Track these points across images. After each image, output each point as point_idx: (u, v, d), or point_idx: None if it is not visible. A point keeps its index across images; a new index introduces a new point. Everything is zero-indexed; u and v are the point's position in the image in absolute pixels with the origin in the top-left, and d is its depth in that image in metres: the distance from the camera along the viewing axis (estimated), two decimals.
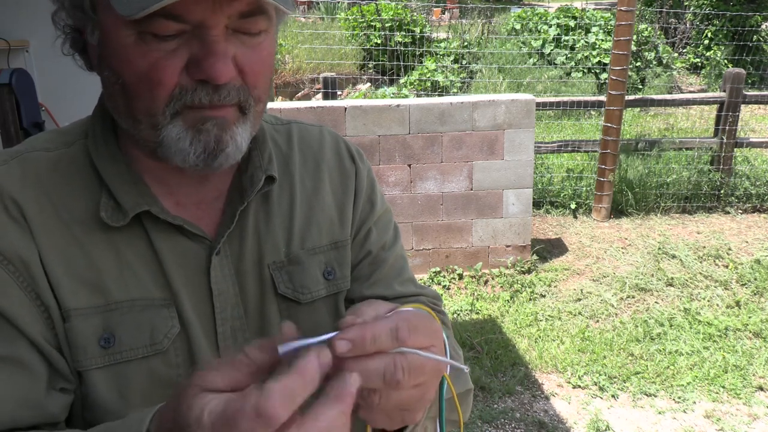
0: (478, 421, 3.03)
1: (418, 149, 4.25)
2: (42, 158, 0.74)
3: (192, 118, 0.68)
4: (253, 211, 0.79)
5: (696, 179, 5.41)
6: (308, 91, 8.85)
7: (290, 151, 0.86)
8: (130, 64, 0.66)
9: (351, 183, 0.88)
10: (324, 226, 0.84)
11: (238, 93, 0.68)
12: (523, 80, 8.56)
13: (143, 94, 0.66)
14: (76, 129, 0.79)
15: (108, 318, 0.70)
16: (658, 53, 9.48)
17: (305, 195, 0.84)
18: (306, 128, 0.91)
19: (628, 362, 3.51)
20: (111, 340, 0.69)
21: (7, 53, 2.83)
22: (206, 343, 0.74)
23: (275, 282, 0.78)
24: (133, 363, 0.70)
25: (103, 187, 0.73)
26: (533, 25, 9.76)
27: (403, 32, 9.28)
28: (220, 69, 0.65)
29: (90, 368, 0.69)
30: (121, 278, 0.71)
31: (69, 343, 0.69)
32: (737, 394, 3.25)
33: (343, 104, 4.24)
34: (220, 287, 0.75)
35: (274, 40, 0.73)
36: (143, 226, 0.73)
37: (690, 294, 4.16)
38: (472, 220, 4.42)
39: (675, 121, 7.42)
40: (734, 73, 5.30)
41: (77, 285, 0.70)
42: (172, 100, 0.66)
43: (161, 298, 0.72)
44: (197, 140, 0.68)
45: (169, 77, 0.65)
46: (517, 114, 4.25)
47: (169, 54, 0.65)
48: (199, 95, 0.66)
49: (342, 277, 0.84)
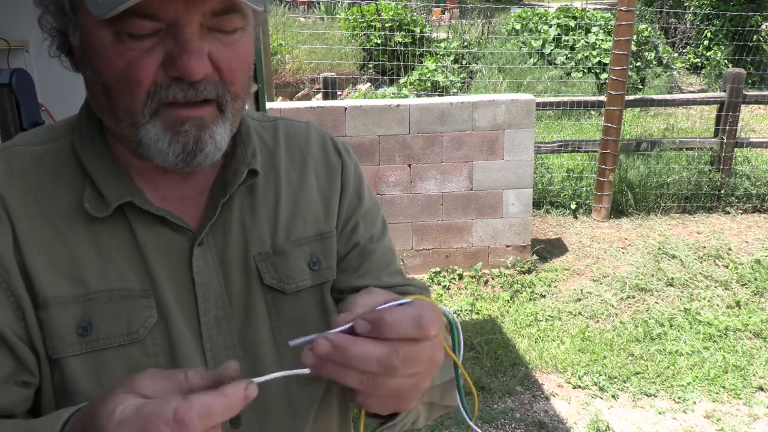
0: (478, 421, 3.03)
1: (418, 149, 4.25)
2: (27, 152, 0.76)
3: (170, 118, 0.69)
4: (237, 204, 0.81)
5: (696, 179, 5.41)
6: (308, 91, 8.85)
7: (276, 146, 0.88)
8: (108, 63, 0.67)
9: (337, 177, 0.89)
10: (309, 219, 0.85)
11: (215, 88, 0.69)
12: (523, 80, 8.56)
13: (122, 93, 0.68)
14: (63, 125, 0.81)
15: (86, 307, 0.71)
16: (658, 53, 9.48)
17: (291, 189, 0.86)
18: (292, 124, 0.92)
19: (628, 362, 3.51)
20: (88, 329, 0.71)
21: (7, 53, 2.84)
22: (188, 333, 0.75)
23: (261, 272, 0.80)
24: (109, 351, 0.71)
25: (87, 180, 0.75)
26: (533, 25, 9.75)
27: (403, 32, 9.28)
28: (194, 65, 0.66)
29: (67, 355, 0.70)
30: (101, 269, 0.73)
31: (45, 331, 0.70)
32: (737, 395, 3.25)
33: (343, 104, 4.24)
34: (203, 278, 0.77)
35: (251, 37, 0.74)
36: (126, 217, 0.75)
37: (690, 294, 4.16)
38: (472, 220, 4.42)
39: (675, 121, 7.42)
40: (734, 73, 5.30)
41: (57, 276, 0.71)
42: (149, 98, 0.68)
43: (140, 289, 0.74)
44: (176, 141, 0.69)
45: (145, 75, 0.67)
46: (517, 114, 4.24)
47: (145, 53, 0.66)
48: (173, 92, 0.67)
49: (327, 267, 0.85)
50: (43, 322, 0.71)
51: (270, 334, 0.79)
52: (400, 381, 0.57)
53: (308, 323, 0.81)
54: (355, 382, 0.56)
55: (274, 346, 0.79)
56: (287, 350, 0.79)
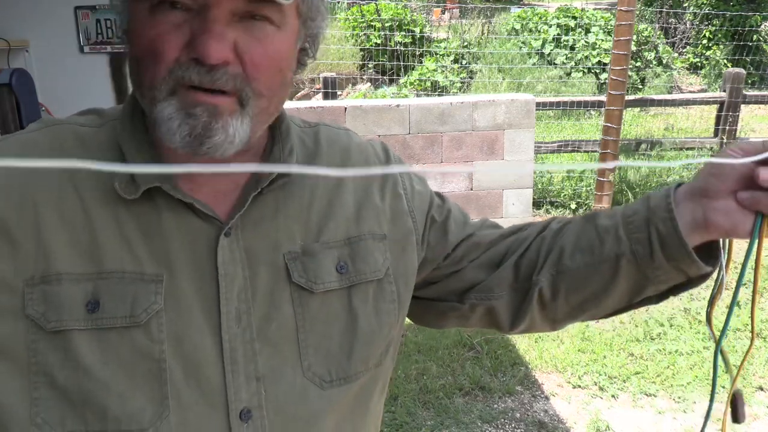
0: (478, 421, 3.03)
1: (418, 149, 4.25)
2: (72, 130, 0.78)
3: (185, 99, 0.68)
4: (270, 201, 0.80)
5: None
6: (308, 91, 8.85)
7: (317, 149, 0.88)
8: (139, 35, 0.68)
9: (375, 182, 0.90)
10: (341, 223, 0.85)
11: (234, 80, 0.68)
12: (523, 80, 8.56)
13: (148, 66, 0.68)
14: (111, 113, 0.82)
15: (98, 285, 0.72)
16: (658, 53, 9.49)
17: (326, 191, 0.85)
18: (332, 130, 0.93)
19: (628, 362, 3.51)
20: (96, 306, 0.71)
21: (7, 53, 2.84)
22: (204, 323, 0.75)
23: (290, 270, 0.79)
24: (114, 331, 0.71)
25: (122, 161, 0.75)
26: (533, 25, 9.76)
27: (403, 32, 9.28)
28: (212, 47, 0.65)
29: (72, 328, 0.70)
30: (118, 250, 0.73)
31: (51, 303, 0.70)
32: None
33: (343, 104, 4.24)
34: (227, 268, 0.76)
35: (287, 41, 0.73)
36: (155, 202, 0.75)
37: (690, 294, 4.16)
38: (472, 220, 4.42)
39: (675, 121, 7.43)
40: (734, 73, 5.31)
41: (76, 252, 0.72)
42: (168, 75, 0.68)
43: (153, 274, 0.73)
44: (185, 123, 0.68)
45: (169, 50, 0.67)
46: (517, 114, 4.25)
47: (173, 28, 0.67)
48: (191, 73, 0.67)
49: (354, 271, 0.84)
50: (50, 295, 0.70)
51: (294, 333, 0.79)
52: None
53: (333, 324, 0.81)
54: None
55: (297, 344, 0.79)
56: (309, 349, 0.79)
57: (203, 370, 0.73)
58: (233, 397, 0.74)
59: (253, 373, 0.75)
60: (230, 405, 0.74)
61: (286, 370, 0.78)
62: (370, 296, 0.85)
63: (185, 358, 0.73)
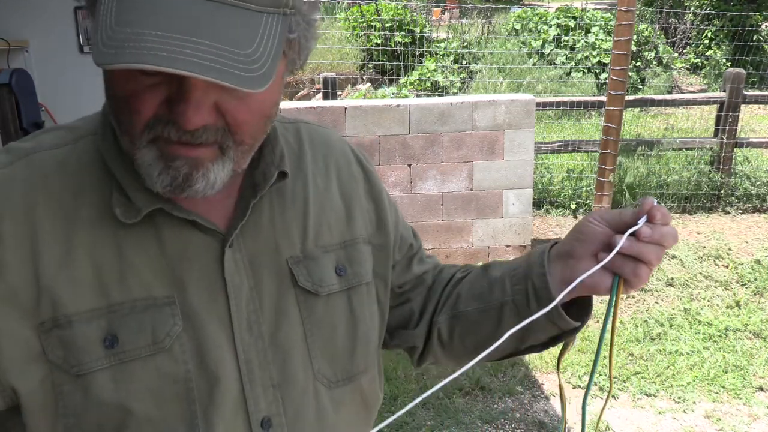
0: (478, 421, 3.03)
1: (418, 149, 4.25)
2: (49, 158, 0.74)
3: (164, 150, 0.67)
4: (267, 206, 0.80)
5: (696, 179, 5.41)
6: (308, 91, 8.85)
7: (301, 149, 0.88)
8: (115, 86, 0.67)
9: (359, 186, 0.91)
10: (333, 226, 0.86)
11: (216, 134, 0.67)
12: (523, 80, 8.56)
13: (124, 116, 0.67)
14: (86, 124, 0.79)
15: (111, 320, 0.70)
16: (658, 53, 9.48)
17: (317, 193, 0.86)
18: (314, 129, 0.92)
19: (628, 362, 3.51)
20: (114, 341, 0.70)
21: (7, 53, 2.84)
22: (220, 337, 0.74)
23: (295, 275, 0.80)
24: (137, 362, 0.70)
25: (114, 183, 0.73)
26: (533, 25, 9.75)
27: (403, 32, 9.27)
28: (189, 117, 0.64)
29: (94, 370, 0.69)
30: (123, 278, 0.71)
31: (68, 347, 0.69)
32: (737, 395, 3.25)
33: (343, 104, 4.24)
34: (234, 279, 0.76)
35: (272, 88, 0.68)
36: (153, 223, 0.73)
37: (690, 294, 4.16)
38: (472, 220, 4.42)
39: (675, 121, 7.42)
40: (734, 73, 5.30)
41: (80, 289, 0.70)
42: (147, 128, 0.66)
43: (164, 297, 0.72)
44: (165, 173, 0.67)
45: (146, 108, 0.65)
46: (517, 114, 4.25)
47: (149, 87, 0.65)
48: (169, 130, 0.66)
49: (353, 274, 0.85)
50: (65, 339, 0.69)
51: (302, 337, 0.79)
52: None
53: (337, 326, 0.82)
54: (655, 260, 0.75)
55: (306, 348, 0.79)
56: (317, 352, 0.80)
57: (223, 384, 0.73)
58: (253, 408, 0.75)
59: (269, 381, 0.76)
60: (251, 416, 0.74)
61: (298, 375, 0.78)
62: (364, 298, 0.86)
63: (208, 373, 0.73)
